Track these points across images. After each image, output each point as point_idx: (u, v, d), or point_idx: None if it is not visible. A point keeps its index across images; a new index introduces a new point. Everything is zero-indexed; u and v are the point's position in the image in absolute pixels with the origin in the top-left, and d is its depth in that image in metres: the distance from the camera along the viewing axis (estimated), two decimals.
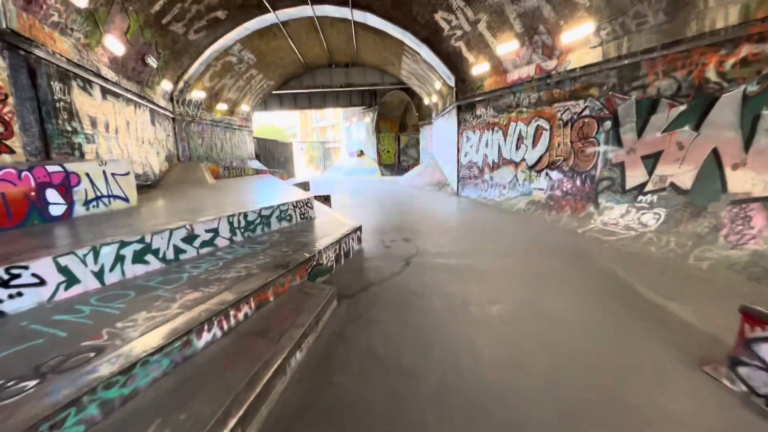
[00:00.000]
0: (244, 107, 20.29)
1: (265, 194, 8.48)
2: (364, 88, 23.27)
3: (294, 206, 6.54)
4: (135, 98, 9.99)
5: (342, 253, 5.50)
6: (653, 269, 4.94)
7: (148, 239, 3.94)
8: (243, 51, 15.72)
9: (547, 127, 9.71)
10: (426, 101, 20.15)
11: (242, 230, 5.28)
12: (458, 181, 14.33)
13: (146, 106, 11.02)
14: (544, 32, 9.01)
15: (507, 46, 10.14)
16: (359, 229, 6.43)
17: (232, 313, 3.10)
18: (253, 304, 3.37)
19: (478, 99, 12.54)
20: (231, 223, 5.07)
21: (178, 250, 4.27)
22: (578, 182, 8.69)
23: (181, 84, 13.85)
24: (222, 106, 17.96)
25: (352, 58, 20.83)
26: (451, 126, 15.25)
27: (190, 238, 4.43)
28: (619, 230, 6.85)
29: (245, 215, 5.33)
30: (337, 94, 27.70)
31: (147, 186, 10.44)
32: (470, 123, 13.32)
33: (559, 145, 9.37)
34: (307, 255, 4.50)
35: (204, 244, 4.64)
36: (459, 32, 11.36)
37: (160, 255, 4.07)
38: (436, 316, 3.79)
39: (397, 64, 18.86)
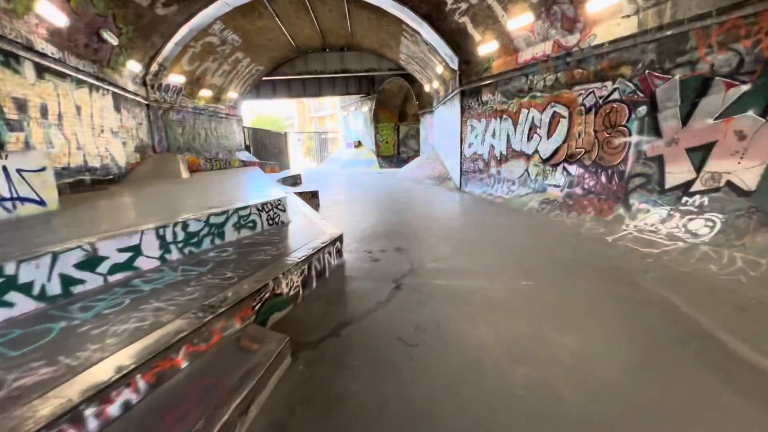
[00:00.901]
0: (232, 94, 18.91)
1: (240, 191, 7.23)
2: (361, 74, 21.81)
3: (259, 210, 5.26)
4: (90, 80, 8.66)
5: (313, 273, 4.25)
6: (727, 301, 3.68)
7: (11, 270, 2.68)
8: (226, 31, 14.28)
9: (566, 114, 8.37)
10: (427, 88, 18.72)
11: (180, 245, 4.02)
12: (461, 176, 13.02)
13: (107, 89, 9.69)
14: (565, 1, 7.62)
15: (519, 20, 8.74)
16: (339, 239, 5.16)
17: (91, 411, 1.86)
18: (141, 384, 2.13)
19: (484, 83, 11.16)
20: (162, 237, 3.80)
21: (68, 282, 3.01)
22: (603, 178, 7.39)
23: (154, 66, 12.47)
24: (205, 93, 16.59)
25: (347, 41, 19.34)
26: (453, 114, 13.87)
27: (90, 263, 3.18)
28: (662, 240, 5.57)
29: (184, 225, 4.06)
30: (333, 82, 26.23)
31: (107, 181, 9.16)
32: (475, 110, 11.96)
33: (579, 135, 8.04)
34: (257, 285, 3.25)
35: (116, 268, 3.38)
36: (464, 5, 9.93)
37: (36, 291, 2.82)
38: (434, 386, 2.54)
39: (395, 47, 17.40)
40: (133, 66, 11.10)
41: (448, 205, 10.41)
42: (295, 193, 10.34)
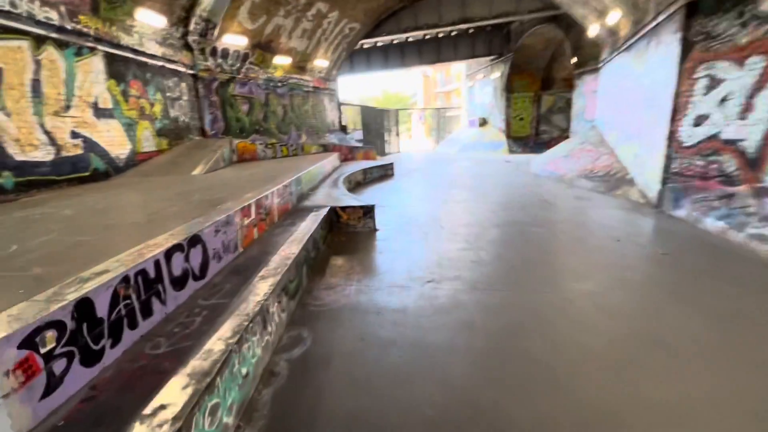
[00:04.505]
0: (320, 62, 15.39)
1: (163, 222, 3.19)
2: (490, 21, 15.68)
3: None
4: (32, 29, 5.71)
5: None
6: None
7: None
8: None
9: None
10: (592, 30, 11.71)
11: None
12: (666, 181, 6.53)
13: (91, 48, 6.79)
14: None
15: None
16: None
17: None
18: None
19: None
20: None
21: None
22: None
23: (197, 23, 9.46)
24: (283, 60, 13.35)
25: None
26: (652, 63, 7.28)
27: None
28: None
29: None
30: (454, 42, 20.68)
31: (71, 181, 6.31)
32: (728, 42, 5.32)
33: None
34: None
35: None
36: None
37: None
38: None
39: None
40: (151, 18, 8.11)
41: (642, 264, 4.48)
42: (338, 208, 6.00)
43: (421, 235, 5.77)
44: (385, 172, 12.63)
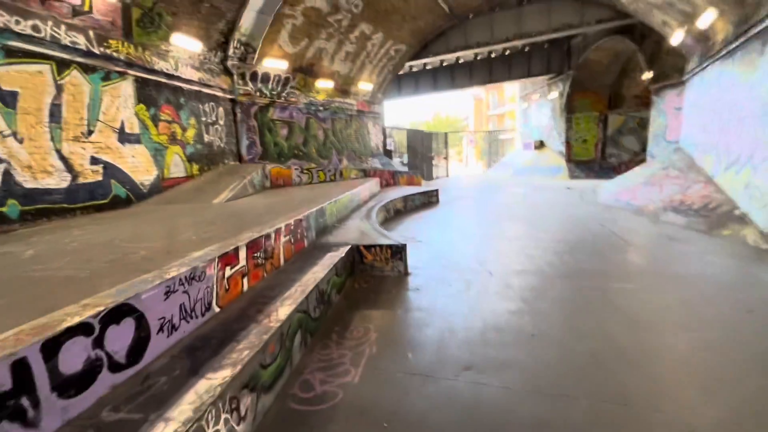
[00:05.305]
0: (364, 85, 14.93)
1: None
2: (550, 36, 14.30)
3: None
4: (53, 53, 5.53)
5: None
6: None
7: None
8: None
9: None
10: (675, 38, 9.96)
11: None
12: None
13: (120, 72, 6.61)
14: None
15: None
16: None
17: None
18: None
19: None
20: None
21: None
22: None
23: (236, 47, 9.29)
24: (325, 84, 13.00)
25: None
26: None
27: None
28: None
29: None
30: (508, 61, 19.46)
31: (85, 209, 5.96)
32: None
33: None
34: None
35: None
36: None
37: None
38: None
39: None
40: (187, 43, 7.96)
41: None
42: (362, 246, 5.06)
43: (463, 285, 4.57)
44: (428, 199, 11.56)
